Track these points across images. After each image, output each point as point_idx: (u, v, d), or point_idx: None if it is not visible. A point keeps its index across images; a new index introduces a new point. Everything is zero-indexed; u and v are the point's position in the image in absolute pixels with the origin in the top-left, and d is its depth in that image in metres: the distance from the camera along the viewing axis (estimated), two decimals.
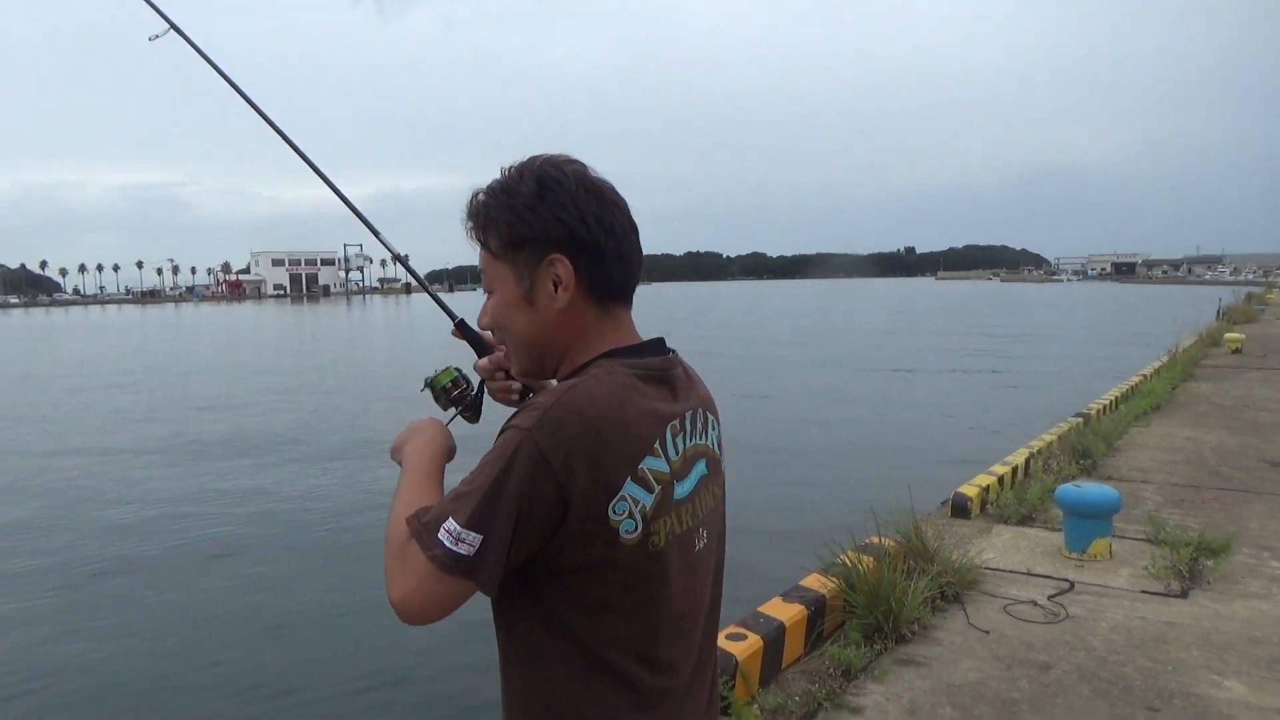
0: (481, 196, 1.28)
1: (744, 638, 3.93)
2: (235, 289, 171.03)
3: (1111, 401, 11.60)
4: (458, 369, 1.57)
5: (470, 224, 1.29)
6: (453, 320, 1.61)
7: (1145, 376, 13.75)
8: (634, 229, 1.29)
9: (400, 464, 1.38)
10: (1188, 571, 5.15)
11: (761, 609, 4.29)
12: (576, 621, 1.19)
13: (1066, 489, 5.57)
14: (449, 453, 1.40)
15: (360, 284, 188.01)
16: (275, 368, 29.02)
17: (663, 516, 1.20)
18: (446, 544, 1.13)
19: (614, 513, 1.15)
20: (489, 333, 1.43)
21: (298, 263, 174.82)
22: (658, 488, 1.19)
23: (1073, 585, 5.02)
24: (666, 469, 1.21)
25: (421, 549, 1.15)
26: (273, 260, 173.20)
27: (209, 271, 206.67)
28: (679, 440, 1.24)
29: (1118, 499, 5.47)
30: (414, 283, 2.00)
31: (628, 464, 1.16)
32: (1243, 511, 6.41)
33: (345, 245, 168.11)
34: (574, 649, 1.19)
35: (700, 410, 1.31)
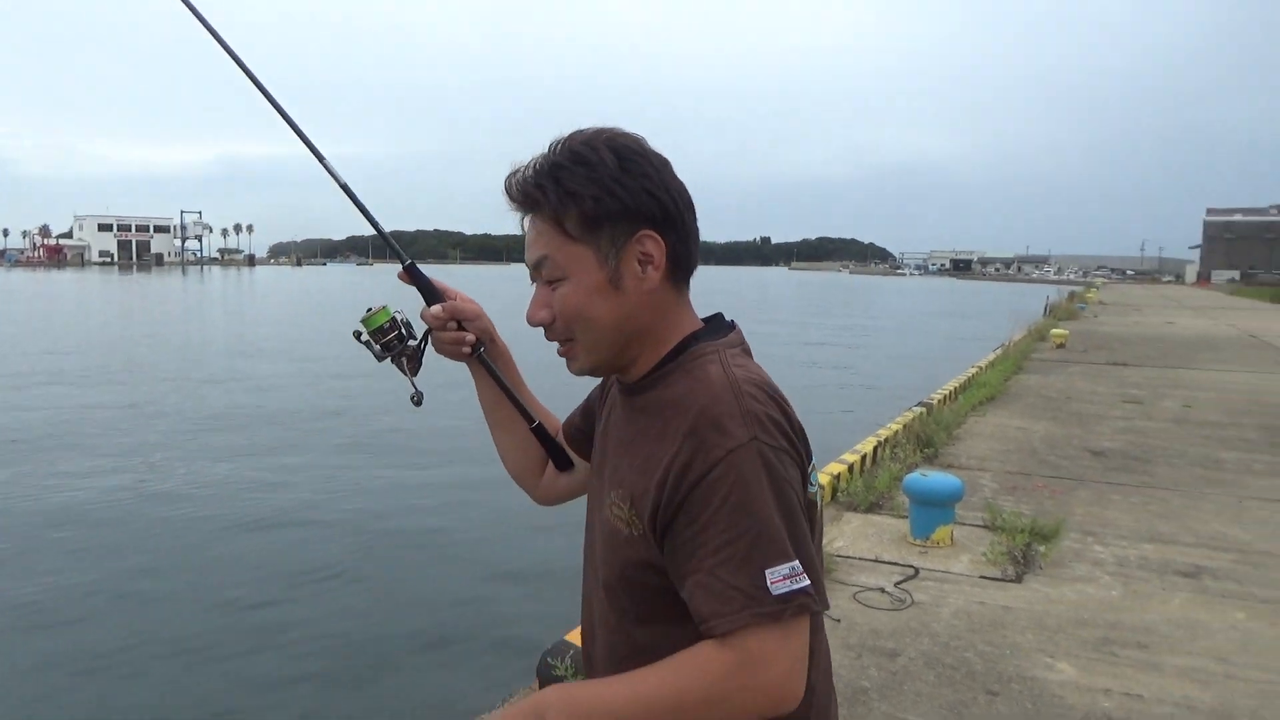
0: (551, 170, 1.15)
1: None
2: (54, 254, 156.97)
3: (951, 391, 12.17)
4: (398, 311, 1.45)
5: (543, 201, 1.15)
6: (402, 263, 1.46)
7: (981, 368, 14.51)
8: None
9: None
10: (1022, 557, 5.39)
11: None
12: None
13: (914, 478, 5.73)
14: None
15: (198, 254, 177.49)
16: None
17: (811, 462, 1.20)
18: (791, 587, 1.04)
19: (811, 477, 1.17)
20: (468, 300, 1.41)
21: (128, 228, 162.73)
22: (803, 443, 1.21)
23: (917, 572, 5.17)
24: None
25: (774, 622, 1.03)
26: (99, 225, 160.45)
27: (23, 234, 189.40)
28: None
29: (960, 487, 5.67)
30: (257, 255, 1.74)
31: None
32: (1069, 498, 6.80)
33: (183, 212, 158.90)
34: None
35: None
